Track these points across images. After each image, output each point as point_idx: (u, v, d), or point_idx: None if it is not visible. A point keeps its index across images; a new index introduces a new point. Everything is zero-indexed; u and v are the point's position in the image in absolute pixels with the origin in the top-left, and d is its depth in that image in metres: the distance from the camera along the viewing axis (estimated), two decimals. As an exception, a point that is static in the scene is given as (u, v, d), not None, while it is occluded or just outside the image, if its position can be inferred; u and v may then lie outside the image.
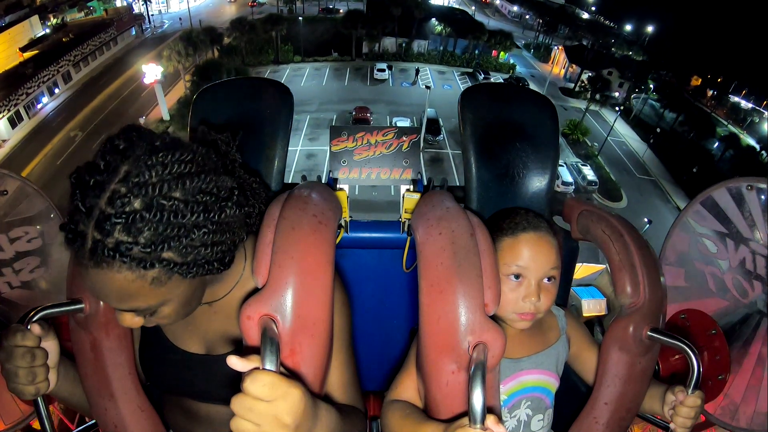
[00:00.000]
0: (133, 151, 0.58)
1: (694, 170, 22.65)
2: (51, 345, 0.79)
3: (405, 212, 1.18)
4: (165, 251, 0.59)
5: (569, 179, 19.48)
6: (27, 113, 21.10)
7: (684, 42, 27.15)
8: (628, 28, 29.23)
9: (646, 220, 16.53)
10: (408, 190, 1.19)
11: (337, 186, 1.18)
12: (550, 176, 1.14)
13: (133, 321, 0.70)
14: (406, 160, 1.20)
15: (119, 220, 0.55)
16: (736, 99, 28.00)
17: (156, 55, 21.96)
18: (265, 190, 0.88)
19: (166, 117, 21.76)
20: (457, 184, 1.23)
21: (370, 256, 1.35)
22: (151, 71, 20.49)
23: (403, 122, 21.57)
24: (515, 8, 44.98)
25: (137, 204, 0.56)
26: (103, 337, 0.82)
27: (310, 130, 21.45)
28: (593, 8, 35.54)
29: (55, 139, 20.16)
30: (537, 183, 1.14)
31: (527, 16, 42.55)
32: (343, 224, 1.21)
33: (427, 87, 24.69)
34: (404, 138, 1.20)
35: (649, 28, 28.28)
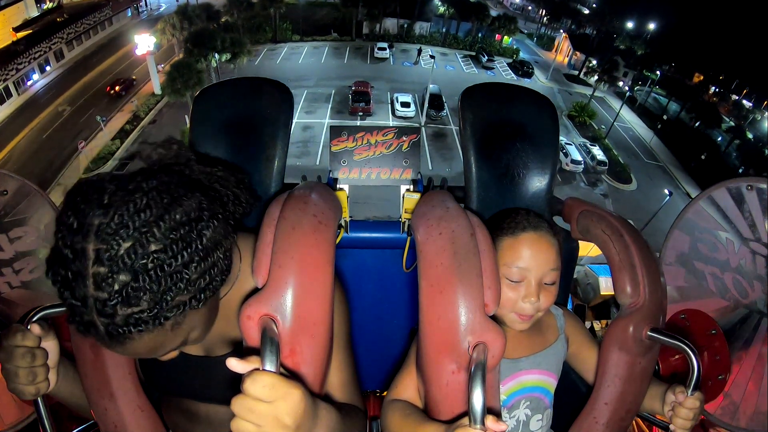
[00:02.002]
0: (90, 224, 0.55)
1: (703, 157, 22.62)
2: (51, 345, 0.79)
3: (405, 212, 1.18)
4: (171, 301, 0.59)
5: (578, 158, 19.20)
6: (17, 89, 20.94)
7: (686, 39, 27.05)
8: (630, 25, 29.17)
9: (666, 191, 16.45)
10: (408, 190, 1.19)
11: (337, 186, 1.18)
12: (550, 176, 1.14)
13: (170, 355, 0.71)
14: (406, 160, 1.20)
15: (115, 300, 0.55)
16: (736, 98, 28.02)
17: (151, 32, 21.68)
18: (233, 173, 0.85)
19: (158, 91, 21.44)
20: (461, 160, 1.23)
21: (370, 256, 1.35)
22: (143, 42, 20.00)
23: (405, 97, 21.52)
24: (517, 0, 44.97)
25: (123, 277, 0.55)
26: None
27: (306, 104, 21.51)
28: (594, 5, 35.45)
29: (43, 113, 20.06)
30: (537, 183, 1.14)
31: (530, 8, 42.58)
32: (343, 224, 1.21)
33: (431, 56, 24.76)
34: (404, 138, 1.20)
35: (651, 25, 28.21)
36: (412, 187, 1.20)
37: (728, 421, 1.07)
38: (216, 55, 19.98)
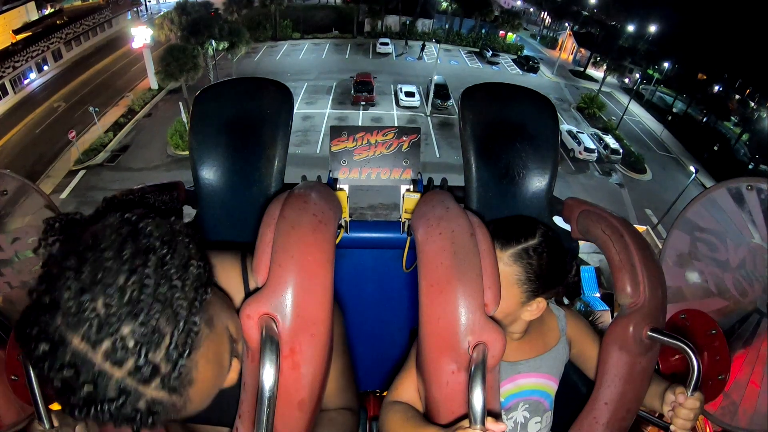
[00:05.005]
0: (54, 331, 0.48)
1: (715, 148, 22.78)
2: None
3: (405, 212, 1.18)
4: (185, 302, 0.52)
5: (591, 146, 19.13)
6: (13, 88, 20.99)
7: (688, 39, 27.09)
8: (631, 28, 29.30)
9: (693, 168, 16.36)
10: (408, 190, 1.19)
11: (337, 186, 1.18)
12: (550, 176, 1.14)
13: (234, 373, 0.67)
14: (406, 160, 1.20)
15: (144, 351, 0.48)
16: (738, 96, 28.09)
17: (148, 25, 21.69)
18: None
19: (154, 86, 21.42)
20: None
21: (370, 256, 1.35)
22: (140, 34, 19.85)
23: (409, 87, 21.65)
24: (518, 2, 45.01)
25: (126, 328, 0.47)
26: None
27: (307, 96, 21.79)
28: (595, 10, 35.56)
29: (38, 110, 20.17)
30: (537, 183, 1.14)
31: (531, 10, 42.72)
32: (343, 224, 1.21)
33: (437, 41, 25.14)
34: (404, 138, 1.20)
35: (653, 28, 28.31)
36: (412, 187, 1.20)
37: (728, 421, 1.07)
38: (213, 43, 19.59)
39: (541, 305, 0.92)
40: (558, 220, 1.12)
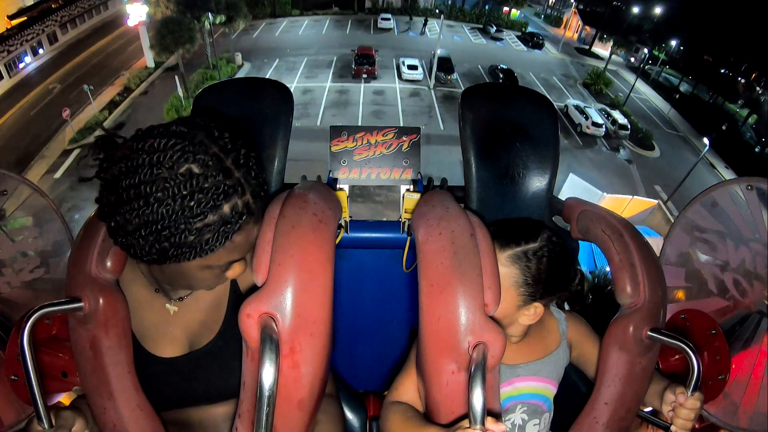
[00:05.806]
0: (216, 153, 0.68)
1: (723, 128, 22.48)
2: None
3: (405, 212, 1.18)
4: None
5: (599, 120, 18.82)
6: (8, 72, 20.72)
7: (694, 21, 26.72)
8: (636, 10, 28.97)
9: (706, 140, 16.31)
10: (408, 190, 1.19)
11: (337, 186, 1.19)
12: (550, 176, 1.14)
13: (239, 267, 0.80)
14: (406, 160, 1.20)
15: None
16: (743, 81, 27.86)
17: (144, 2, 21.12)
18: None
19: (151, 64, 21.13)
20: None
21: (370, 256, 1.35)
22: (135, 12, 19.48)
23: (412, 60, 21.48)
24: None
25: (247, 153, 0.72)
26: (102, 335, 0.82)
27: (307, 70, 21.71)
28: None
29: (33, 92, 19.94)
30: (537, 183, 1.14)
31: None
32: (343, 224, 1.21)
33: (440, 12, 24.96)
34: (404, 138, 1.20)
35: (658, 9, 28.03)
36: (412, 187, 1.20)
37: (728, 421, 1.07)
38: (210, 16, 18.89)
39: (538, 311, 0.91)
40: (558, 221, 1.12)
